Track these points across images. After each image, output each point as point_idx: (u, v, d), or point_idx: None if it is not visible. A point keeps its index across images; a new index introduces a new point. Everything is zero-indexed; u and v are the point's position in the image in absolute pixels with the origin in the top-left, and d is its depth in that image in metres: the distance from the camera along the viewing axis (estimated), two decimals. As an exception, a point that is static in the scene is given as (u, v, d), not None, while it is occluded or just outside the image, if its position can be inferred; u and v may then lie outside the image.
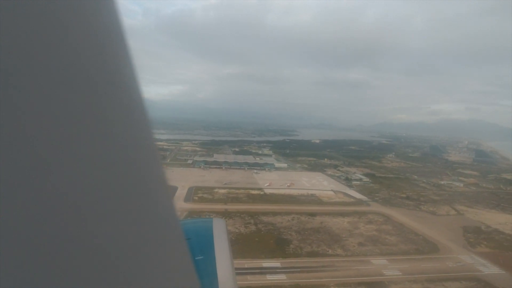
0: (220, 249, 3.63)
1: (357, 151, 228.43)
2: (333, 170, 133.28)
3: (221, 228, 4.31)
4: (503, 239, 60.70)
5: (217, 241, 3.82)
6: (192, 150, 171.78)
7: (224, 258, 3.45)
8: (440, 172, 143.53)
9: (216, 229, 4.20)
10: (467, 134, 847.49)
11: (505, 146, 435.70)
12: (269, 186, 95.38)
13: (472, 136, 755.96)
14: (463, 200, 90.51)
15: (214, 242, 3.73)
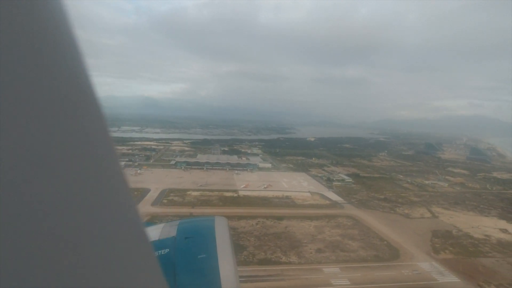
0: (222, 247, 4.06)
1: (350, 150, 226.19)
2: (319, 170, 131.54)
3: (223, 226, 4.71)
4: (470, 244, 58.81)
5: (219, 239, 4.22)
6: (180, 150, 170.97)
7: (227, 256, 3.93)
8: (428, 171, 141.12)
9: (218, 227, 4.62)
10: (469, 130, 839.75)
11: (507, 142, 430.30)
12: (245, 188, 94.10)
13: (474, 133, 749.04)
14: (442, 202, 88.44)
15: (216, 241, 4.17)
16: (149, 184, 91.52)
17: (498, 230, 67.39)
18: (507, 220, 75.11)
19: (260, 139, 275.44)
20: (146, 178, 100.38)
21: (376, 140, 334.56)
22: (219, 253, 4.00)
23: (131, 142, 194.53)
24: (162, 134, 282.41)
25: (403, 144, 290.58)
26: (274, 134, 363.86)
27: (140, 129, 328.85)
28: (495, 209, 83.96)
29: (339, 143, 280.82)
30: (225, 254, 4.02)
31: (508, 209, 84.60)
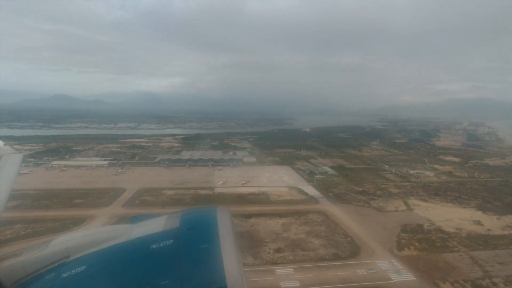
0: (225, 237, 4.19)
1: (343, 139, 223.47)
2: (304, 162, 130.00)
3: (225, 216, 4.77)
4: (439, 239, 57.30)
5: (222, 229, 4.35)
6: (169, 147, 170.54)
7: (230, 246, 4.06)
8: (417, 160, 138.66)
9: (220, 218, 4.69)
10: (474, 114, 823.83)
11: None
12: (223, 185, 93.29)
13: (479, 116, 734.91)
14: (422, 193, 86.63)
15: (219, 230, 4.30)
16: (127, 184, 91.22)
17: (471, 223, 65.64)
18: (483, 211, 73.22)
19: (254, 131, 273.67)
20: (126, 177, 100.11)
21: (373, 128, 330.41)
22: (222, 243, 4.11)
23: (122, 139, 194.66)
24: (157, 130, 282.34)
25: (399, 131, 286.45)
26: (270, 126, 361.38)
27: (136, 125, 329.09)
28: (476, 199, 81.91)
29: (334, 132, 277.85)
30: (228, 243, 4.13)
31: (489, 199, 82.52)
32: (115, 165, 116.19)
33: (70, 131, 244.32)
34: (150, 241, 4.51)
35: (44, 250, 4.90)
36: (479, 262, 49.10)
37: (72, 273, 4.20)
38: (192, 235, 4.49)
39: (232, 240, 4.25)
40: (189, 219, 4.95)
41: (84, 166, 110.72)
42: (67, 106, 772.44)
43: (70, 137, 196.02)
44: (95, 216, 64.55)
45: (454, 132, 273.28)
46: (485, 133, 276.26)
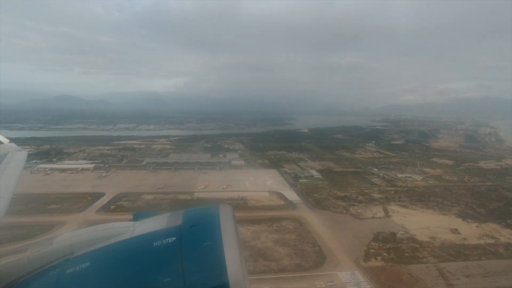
0: (228, 235, 4.23)
1: (339, 141, 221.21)
2: (293, 165, 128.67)
3: (228, 214, 4.78)
4: (409, 249, 55.69)
5: (224, 227, 4.39)
6: (161, 149, 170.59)
7: (232, 243, 4.10)
8: (409, 163, 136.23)
9: (223, 215, 4.70)
10: (480, 113, 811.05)
11: None
12: (203, 189, 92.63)
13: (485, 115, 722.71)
14: (405, 198, 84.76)
15: (221, 228, 4.34)
16: (108, 188, 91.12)
17: (448, 231, 63.79)
18: (464, 218, 71.25)
19: (251, 132, 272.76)
20: (108, 181, 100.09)
21: (372, 129, 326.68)
22: (225, 240, 4.11)
23: (116, 141, 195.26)
24: (154, 131, 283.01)
25: (398, 132, 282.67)
26: (270, 126, 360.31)
27: (135, 126, 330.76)
28: (459, 205, 79.83)
29: (332, 133, 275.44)
30: (230, 241, 4.12)
31: (473, 205, 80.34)
32: (101, 168, 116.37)
33: (68, 132, 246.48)
34: (153, 238, 4.55)
35: (48, 246, 5.00)
36: (446, 275, 47.51)
37: (76, 269, 4.28)
38: (194, 232, 4.49)
39: (235, 238, 4.26)
40: (191, 217, 4.95)
41: (70, 169, 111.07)
42: (71, 107, 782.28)
43: (65, 138, 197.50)
44: (65, 223, 64.41)
45: (454, 133, 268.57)
46: (486, 134, 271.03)
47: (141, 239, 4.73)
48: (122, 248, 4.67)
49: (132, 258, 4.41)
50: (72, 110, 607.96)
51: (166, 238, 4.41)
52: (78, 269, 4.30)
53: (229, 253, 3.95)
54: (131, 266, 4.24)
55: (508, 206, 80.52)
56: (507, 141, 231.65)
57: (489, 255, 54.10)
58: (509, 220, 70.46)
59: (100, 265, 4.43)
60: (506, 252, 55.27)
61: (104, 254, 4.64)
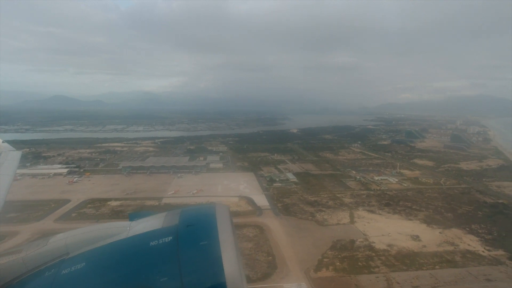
0: (224, 234, 4.25)
1: (326, 141, 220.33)
2: (271, 168, 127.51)
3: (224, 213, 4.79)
4: (364, 257, 54.64)
5: (221, 226, 4.40)
6: (143, 151, 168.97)
7: (228, 242, 4.12)
8: (389, 165, 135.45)
9: (219, 215, 4.71)
10: (475, 111, 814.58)
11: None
12: (173, 195, 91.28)
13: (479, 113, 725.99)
14: (374, 203, 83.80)
15: (217, 228, 4.36)
16: (75, 194, 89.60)
17: (409, 238, 62.89)
18: (429, 223, 70.39)
19: (240, 133, 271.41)
20: (78, 187, 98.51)
21: (363, 128, 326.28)
22: (221, 240, 4.13)
23: (100, 144, 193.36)
24: (142, 133, 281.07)
25: (387, 132, 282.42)
26: (261, 126, 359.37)
27: (124, 127, 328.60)
28: (427, 210, 78.98)
29: (321, 133, 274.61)
30: (227, 240, 4.14)
31: (441, 209, 79.53)
32: (75, 173, 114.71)
33: (54, 134, 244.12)
34: (149, 238, 4.50)
35: (43, 247, 4.94)
36: (394, 286, 46.53)
37: (72, 269, 4.22)
38: (191, 232, 4.48)
39: (231, 237, 4.24)
40: (188, 217, 4.93)
41: (42, 174, 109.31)
42: (66, 107, 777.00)
43: (48, 141, 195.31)
44: (17, 233, 62.84)
45: (443, 132, 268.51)
46: (474, 133, 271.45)
47: (137, 239, 4.70)
48: (119, 248, 4.63)
49: (128, 258, 4.37)
50: (66, 111, 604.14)
51: (163, 238, 4.38)
52: (74, 269, 4.24)
53: (225, 252, 3.93)
54: (127, 266, 4.20)
55: (477, 210, 79.80)
56: (494, 141, 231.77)
57: (444, 263, 53.20)
58: (474, 225, 69.71)
59: (96, 266, 4.37)
60: (462, 260, 54.39)
61: (100, 254, 4.58)
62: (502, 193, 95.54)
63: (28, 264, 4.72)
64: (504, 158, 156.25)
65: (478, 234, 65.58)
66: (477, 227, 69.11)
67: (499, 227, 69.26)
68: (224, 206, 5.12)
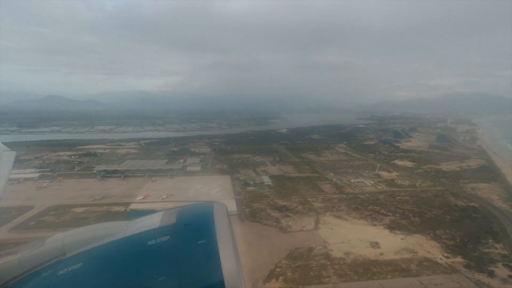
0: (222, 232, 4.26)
1: (313, 141, 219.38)
2: (249, 170, 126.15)
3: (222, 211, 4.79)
4: (317, 267, 53.42)
5: (218, 224, 4.42)
6: (125, 153, 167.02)
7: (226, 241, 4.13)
8: (369, 166, 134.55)
9: (217, 213, 4.71)
10: (469, 108, 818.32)
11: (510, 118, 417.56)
12: (141, 200, 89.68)
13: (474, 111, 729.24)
14: (343, 208, 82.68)
15: (215, 226, 4.38)
16: (40, 201, 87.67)
17: (368, 245, 61.79)
18: (393, 229, 69.37)
19: (228, 133, 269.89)
20: (45, 192, 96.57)
21: (353, 128, 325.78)
22: (219, 238, 4.13)
23: (83, 145, 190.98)
24: (131, 134, 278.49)
25: (377, 131, 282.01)
26: (252, 126, 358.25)
27: (113, 128, 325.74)
28: (394, 214, 77.96)
29: (310, 133, 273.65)
30: (224, 238, 4.14)
31: (410, 213, 78.52)
32: (48, 177, 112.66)
33: (38, 136, 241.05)
34: (147, 237, 4.47)
35: (40, 247, 4.89)
36: (340, 298, 45.37)
37: (69, 270, 4.20)
38: (188, 231, 4.45)
39: (229, 236, 4.23)
40: (185, 215, 4.91)
41: (11, 179, 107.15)
42: (59, 107, 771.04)
43: (30, 143, 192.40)
44: (-34, 244, 61.03)
45: (431, 131, 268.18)
46: (463, 132, 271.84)
47: (135, 238, 4.64)
48: (116, 248, 4.57)
49: (126, 258, 4.33)
50: (58, 111, 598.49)
51: (161, 237, 4.33)
52: (71, 270, 4.19)
53: (223, 250, 3.91)
54: (125, 265, 4.16)
55: (446, 214, 78.97)
56: (481, 140, 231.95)
57: (398, 272, 52.15)
58: (438, 231, 68.81)
59: (93, 266, 4.31)
60: (417, 268, 53.38)
61: (97, 254, 4.52)
62: (475, 195, 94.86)
63: (24, 265, 4.62)
64: (486, 158, 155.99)
65: (441, 240, 64.68)
66: (442, 232, 68.21)
67: (464, 232, 68.49)
68: (222, 205, 5.05)
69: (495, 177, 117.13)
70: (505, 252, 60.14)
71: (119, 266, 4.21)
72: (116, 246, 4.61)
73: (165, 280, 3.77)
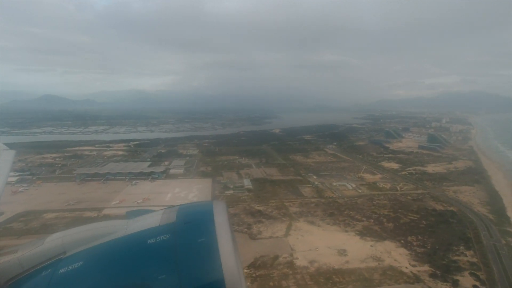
0: (222, 231, 4.27)
1: (303, 142, 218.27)
2: (233, 173, 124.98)
3: (221, 210, 4.79)
4: (278, 276, 52.13)
5: (218, 223, 4.42)
6: (111, 155, 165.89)
7: (226, 239, 4.13)
8: (355, 168, 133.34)
9: (216, 212, 4.70)
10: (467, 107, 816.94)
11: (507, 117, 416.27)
12: (117, 205, 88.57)
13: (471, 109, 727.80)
14: (319, 213, 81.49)
15: (215, 225, 4.37)
16: (12, 206, 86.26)
17: (335, 252, 60.64)
18: (364, 235, 68.21)
19: (220, 134, 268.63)
20: (20, 197, 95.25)
21: (347, 127, 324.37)
22: (219, 237, 4.10)
23: (71, 147, 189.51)
24: (122, 134, 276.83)
25: (370, 131, 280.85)
26: (246, 126, 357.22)
27: (106, 129, 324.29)
28: (368, 219, 76.77)
29: (303, 133, 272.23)
30: (224, 237, 4.11)
31: (384, 218, 77.37)
32: (27, 181, 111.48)
33: (28, 137, 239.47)
34: (147, 236, 4.50)
35: (40, 246, 4.88)
36: (294, 310, 44.21)
37: (69, 269, 4.24)
38: (188, 229, 4.47)
39: (229, 234, 4.24)
40: (185, 214, 4.94)
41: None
42: (55, 107, 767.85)
43: (17, 145, 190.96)
44: None
45: (424, 131, 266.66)
46: (457, 132, 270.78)
47: (135, 237, 4.63)
48: (116, 246, 4.57)
49: (126, 256, 4.34)
50: (53, 111, 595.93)
51: (161, 236, 4.35)
52: (71, 268, 4.20)
53: (223, 249, 3.92)
54: (125, 264, 4.18)
55: (422, 219, 77.82)
56: (474, 140, 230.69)
57: (359, 282, 51.01)
58: (410, 237, 67.68)
59: (93, 264, 4.32)
60: (380, 278, 52.26)
61: (98, 253, 4.52)
62: (456, 199, 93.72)
63: (25, 264, 4.58)
64: (475, 160, 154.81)
65: (411, 247, 63.53)
66: (414, 239, 67.08)
67: (436, 238, 67.34)
68: (222, 203, 5.07)
69: (479, 180, 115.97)
70: (475, 259, 59.03)
71: (119, 264, 4.19)
72: (116, 244, 4.59)
73: (165, 278, 3.75)
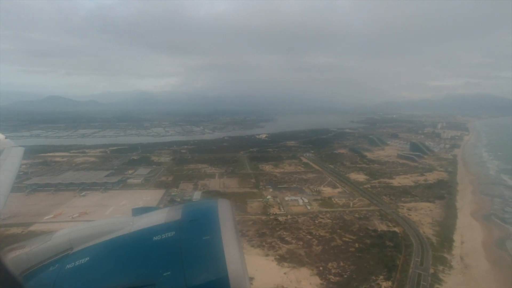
0: (226, 229, 4.29)
1: (283, 149, 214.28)
2: (190, 184, 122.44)
3: (226, 208, 4.85)
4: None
5: (223, 221, 4.45)
6: (81, 162, 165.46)
7: (231, 237, 4.17)
8: (319, 180, 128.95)
9: (221, 210, 4.75)
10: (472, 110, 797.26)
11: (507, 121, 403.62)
12: (50, 219, 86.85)
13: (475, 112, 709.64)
14: (251, 233, 77.66)
15: (220, 222, 4.41)
16: None
17: (241, 282, 57.00)
18: (283, 261, 64.21)
19: (203, 139, 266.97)
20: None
21: (339, 132, 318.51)
22: (223, 235, 4.12)
23: (44, 153, 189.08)
24: (108, 139, 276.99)
25: (359, 137, 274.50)
26: (236, 130, 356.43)
27: (94, 132, 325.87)
28: (298, 242, 72.58)
29: (289, 139, 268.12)
30: (229, 235, 4.14)
31: (315, 240, 73.12)
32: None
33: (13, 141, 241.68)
34: (152, 233, 4.53)
35: (47, 242, 4.96)
36: None
37: (76, 264, 4.29)
38: (193, 227, 4.49)
39: (233, 232, 4.24)
40: (190, 212, 4.95)
41: None
42: (59, 108, 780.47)
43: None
44: None
45: (414, 138, 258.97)
46: (448, 138, 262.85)
47: (140, 234, 4.66)
48: (122, 243, 4.60)
49: (131, 253, 4.37)
50: (53, 112, 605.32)
51: (166, 233, 4.35)
52: (78, 264, 4.25)
53: (228, 247, 3.92)
54: (131, 260, 4.21)
55: (357, 241, 73.44)
56: (463, 148, 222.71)
57: (247, 320, 47.30)
58: (331, 263, 63.55)
59: (99, 260, 4.36)
60: (272, 314, 48.50)
61: (104, 249, 4.57)
62: (406, 218, 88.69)
63: (32, 259, 4.66)
64: (451, 171, 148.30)
65: (327, 275, 59.50)
66: (334, 265, 62.94)
67: (359, 265, 63.07)
68: (226, 201, 5.06)
69: (444, 195, 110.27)
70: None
71: (125, 260, 4.20)
72: (122, 241, 4.60)
73: (170, 275, 3.73)
